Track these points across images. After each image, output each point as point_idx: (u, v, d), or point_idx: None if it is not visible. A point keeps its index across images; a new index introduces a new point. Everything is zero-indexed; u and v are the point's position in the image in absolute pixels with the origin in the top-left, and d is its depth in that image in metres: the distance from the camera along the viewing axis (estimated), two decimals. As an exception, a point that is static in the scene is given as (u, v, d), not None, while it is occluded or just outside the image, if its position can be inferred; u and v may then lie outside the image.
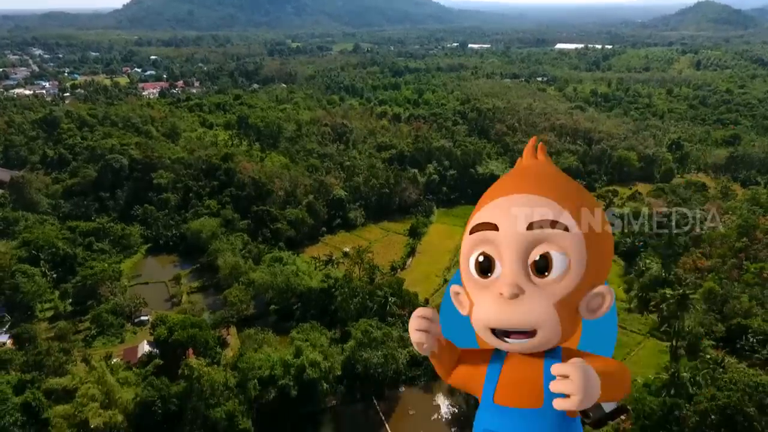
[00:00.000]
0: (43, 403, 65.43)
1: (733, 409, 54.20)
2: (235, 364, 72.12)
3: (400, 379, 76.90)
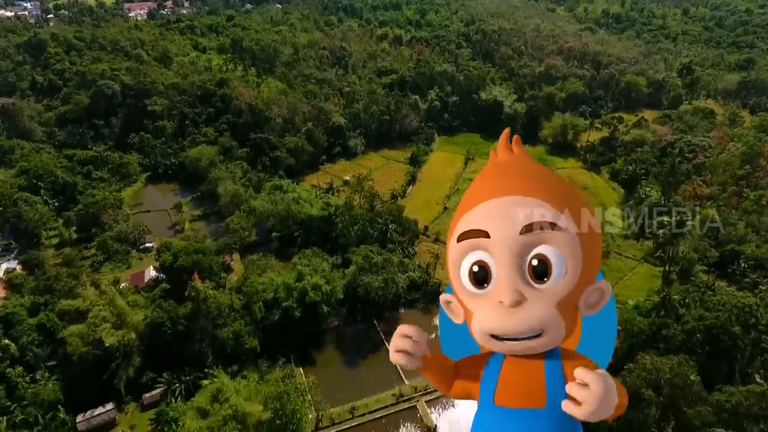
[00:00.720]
0: (57, 324, 68.26)
1: (719, 329, 56.49)
2: (240, 288, 74.35)
3: (400, 301, 79.68)
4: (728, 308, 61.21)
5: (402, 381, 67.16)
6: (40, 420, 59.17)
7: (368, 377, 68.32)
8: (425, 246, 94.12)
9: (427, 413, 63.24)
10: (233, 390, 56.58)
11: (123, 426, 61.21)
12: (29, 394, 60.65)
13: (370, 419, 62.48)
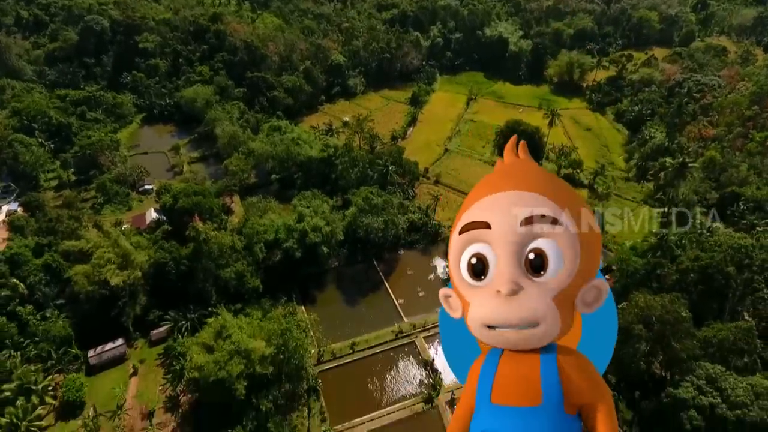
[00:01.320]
0: (63, 264, 69.43)
1: (713, 269, 57.36)
2: (241, 229, 74.95)
3: (400, 243, 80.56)
4: (724, 249, 61.89)
5: (401, 318, 69.22)
6: (53, 354, 61.57)
7: (368, 315, 70.35)
8: (425, 188, 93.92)
9: (425, 348, 65.66)
10: (236, 327, 58.41)
11: (133, 360, 63.77)
12: (40, 330, 62.74)
13: (370, 354, 64.95)
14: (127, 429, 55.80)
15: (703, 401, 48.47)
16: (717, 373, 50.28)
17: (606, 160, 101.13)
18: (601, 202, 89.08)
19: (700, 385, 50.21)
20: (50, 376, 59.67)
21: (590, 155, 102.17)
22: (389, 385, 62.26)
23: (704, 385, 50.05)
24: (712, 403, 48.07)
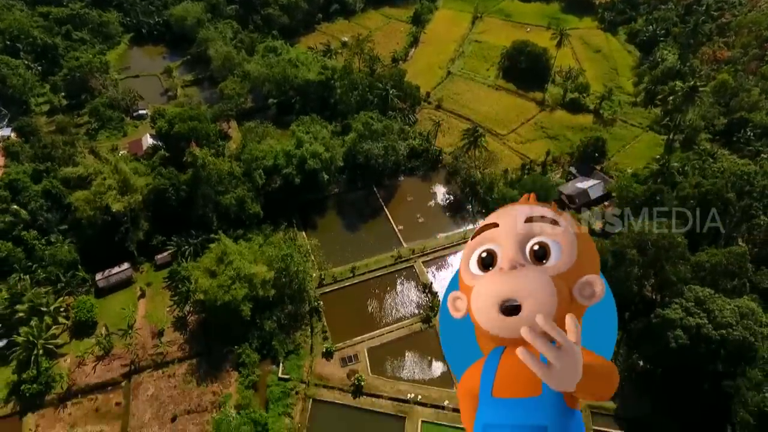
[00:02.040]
0: (62, 190, 69.44)
1: (713, 195, 57.25)
2: (239, 155, 74.11)
3: (400, 169, 79.98)
4: (726, 175, 61.48)
5: (401, 244, 70.35)
6: (61, 278, 63.29)
7: (368, 240, 71.42)
8: (426, 113, 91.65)
9: (423, 272, 67.36)
10: (236, 252, 59.48)
11: (140, 283, 65.67)
12: (47, 255, 64.01)
13: (370, 277, 66.74)
14: (139, 346, 58.62)
15: (690, 322, 50.41)
16: (706, 296, 51.87)
17: (614, 84, 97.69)
18: (605, 128, 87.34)
19: (689, 306, 51.98)
20: (61, 298, 61.74)
21: (598, 78, 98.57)
22: (388, 307, 64.59)
23: (692, 307, 51.82)
24: (698, 324, 50.02)
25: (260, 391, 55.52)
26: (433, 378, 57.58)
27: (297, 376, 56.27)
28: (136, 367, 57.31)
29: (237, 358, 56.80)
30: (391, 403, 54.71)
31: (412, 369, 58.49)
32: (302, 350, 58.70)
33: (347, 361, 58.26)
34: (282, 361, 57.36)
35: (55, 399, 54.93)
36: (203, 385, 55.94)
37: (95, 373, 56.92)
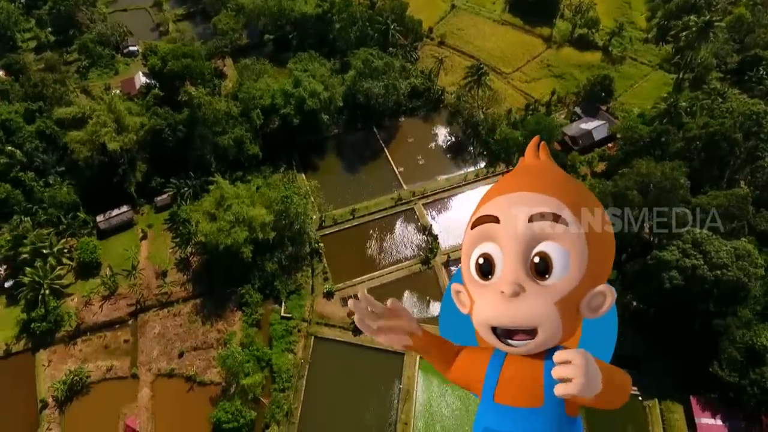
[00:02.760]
0: (57, 131, 68.11)
1: (720, 135, 56.07)
2: (236, 94, 72.06)
3: (401, 109, 78.03)
4: (735, 116, 59.93)
5: (401, 186, 69.94)
6: (62, 220, 63.49)
7: (368, 182, 70.95)
8: (429, 50, 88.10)
9: (423, 214, 67.44)
10: (234, 195, 59.20)
11: (141, 225, 65.95)
12: (46, 197, 63.86)
13: (369, 220, 66.91)
14: (143, 286, 59.78)
15: (686, 263, 50.98)
16: (703, 238, 52.15)
17: (626, 18, 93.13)
18: (614, 66, 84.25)
19: (686, 248, 52.38)
20: (63, 240, 62.23)
21: (609, 13, 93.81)
22: (388, 249, 65.22)
23: (689, 248, 52.23)
24: (694, 264, 50.61)
25: (263, 329, 57.23)
26: (431, 317, 59.12)
27: (299, 314, 57.77)
28: (141, 306, 58.74)
29: (240, 298, 58.10)
30: (391, 340, 56.42)
31: (411, 309, 59.93)
32: (303, 290, 59.90)
33: (347, 300, 59.48)
34: (284, 300, 58.69)
35: (65, 336, 56.74)
36: (208, 324, 57.60)
37: (102, 312, 58.45)
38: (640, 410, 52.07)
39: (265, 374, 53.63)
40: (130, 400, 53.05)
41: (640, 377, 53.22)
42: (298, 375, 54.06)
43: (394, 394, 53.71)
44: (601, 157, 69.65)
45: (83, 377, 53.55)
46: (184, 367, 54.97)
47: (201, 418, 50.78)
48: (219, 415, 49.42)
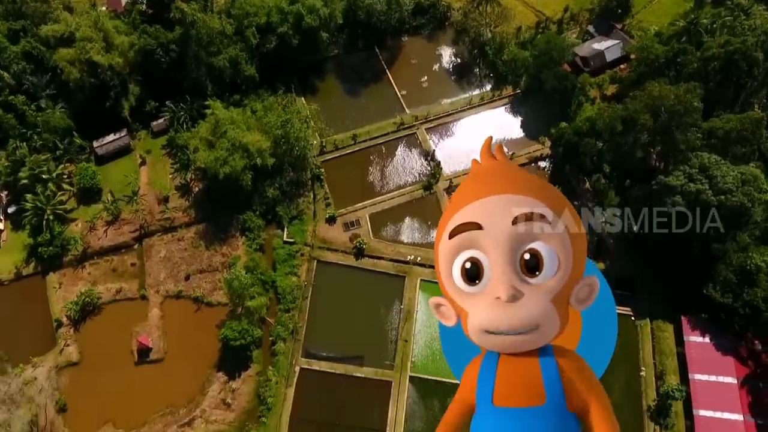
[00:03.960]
0: (43, 51, 65.10)
1: (740, 54, 53.27)
2: (229, 11, 68.03)
3: (404, 28, 73.90)
4: (757, 34, 56.60)
5: (403, 110, 67.92)
6: (58, 145, 62.46)
7: (369, 106, 68.86)
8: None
9: (426, 139, 66.06)
10: (230, 120, 57.65)
11: (139, 151, 64.96)
12: (40, 121, 62.38)
13: (371, 145, 65.67)
14: (146, 212, 60.00)
15: (691, 188, 50.46)
16: (711, 163, 51.23)
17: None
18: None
19: (692, 173, 51.64)
20: (62, 165, 61.61)
21: None
22: (390, 174, 64.60)
23: (695, 174, 51.49)
24: (698, 189, 50.12)
25: (267, 253, 58.13)
26: (432, 242, 59.68)
27: (301, 239, 58.41)
28: (145, 231, 59.33)
29: (242, 224, 58.47)
30: (392, 264, 57.55)
31: (413, 233, 60.47)
32: (305, 216, 60.12)
33: (349, 225, 59.99)
34: (286, 226, 59.09)
35: (73, 260, 57.87)
36: (212, 248, 58.44)
37: (107, 237, 59.17)
38: (632, 329, 54.01)
39: (269, 296, 55.24)
40: (141, 319, 55.11)
41: (635, 298, 54.83)
42: (302, 296, 55.66)
43: (395, 314, 55.58)
44: (612, 79, 66.82)
45: (94, 298, 55.26)
46: (191, 289, 56.53)
47: (210, 335, 53.01)
48: (227, 333, 51.51)
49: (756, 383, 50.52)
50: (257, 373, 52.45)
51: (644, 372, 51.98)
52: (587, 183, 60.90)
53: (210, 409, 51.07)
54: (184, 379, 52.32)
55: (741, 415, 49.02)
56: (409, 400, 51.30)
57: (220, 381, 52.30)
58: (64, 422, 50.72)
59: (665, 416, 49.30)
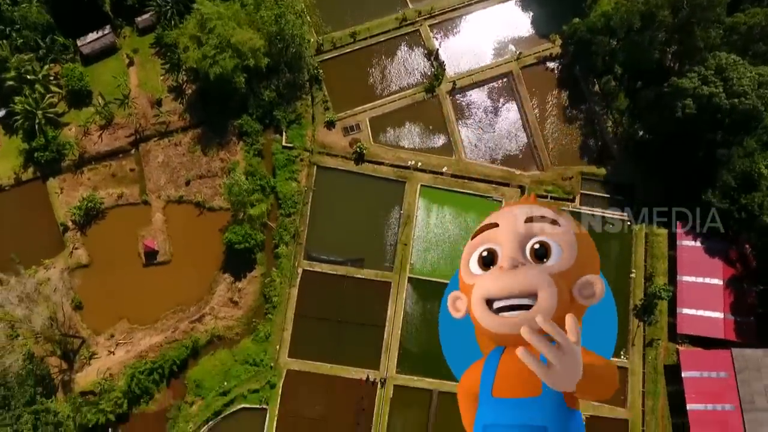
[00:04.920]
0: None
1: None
2: None
3: None
4: None
5: (406, 4, 63.25)
6: (40, 44, 59.04)
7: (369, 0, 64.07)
8: None
9: (429, 37, 62.27)
10: (217, 15, 53.82)
11: (126, 50, 61.51)
12: (17, 17, 58.37)
13: (371, 43, 62.03)
14: (140, 116, 58.35)
15: (704, 91, 48.53)
16: (728, 63, 48.71)
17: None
18: None
19: (707, 75, 49.36)
20: (46, 66, 58.76)
21: None
22: (391, 76, 61.86)
23: (710, 75, 49.22)
24: (711, 92, 48.23)
25: (266, 158, 57.54)
26: (433, 146, 58.90)
27: (300, 144, 57.48)
28: (140, 136, 58.17)
29: (240, 128, 57.18)
30: (392, 169, 57.21)
31: (414, 138, 59.35)
32: (304, 120, 58.57)
33: (349, 130, 58.69)
34: (284, 130, 57.81)
35: (71, 165, 57.43)
36: (210, 153, 57.73)
37: (103, 142, 58.15)
38: (627, 234, 55.12)
39: (270, 201, 55.66)
40: (145, 224, 56.05)
41: (633, 204, 55.29)
42: (302, 202, 56.07)
43: (394, 218, 56.41)
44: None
45: (97, 203, 55.72)
46: (191, 194, 56.79)
47: (214, 239, 54.31)
48: (230, 237, 52.67)
49: (740, 284, 52.70)
50: (261, 274, 54.49)
51: (634, 274, 53.93)
52: (597, 86, 58.52)
53: (218, 307, 53.83)
54: (192, 280, 54.51)
55: (722, 313, 51.77)
56: (407, 300, 53.88)
57: (226, 282, 54.51)
58: (81, 318, 53.79)
59: (650, 314, 52.05)
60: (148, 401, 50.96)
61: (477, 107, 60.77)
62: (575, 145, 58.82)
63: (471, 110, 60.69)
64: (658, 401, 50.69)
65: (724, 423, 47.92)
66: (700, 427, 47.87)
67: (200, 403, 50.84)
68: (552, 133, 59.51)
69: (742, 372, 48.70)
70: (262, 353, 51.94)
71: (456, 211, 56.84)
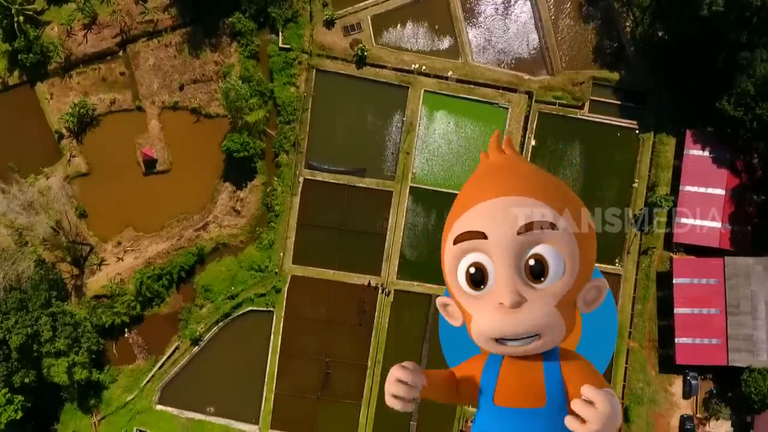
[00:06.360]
0: None
1: None
2: None
3: None
4: None
5: None
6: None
7: None
8: None
9: None
10: None
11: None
12: None
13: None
14: (125, 12, 54.46)
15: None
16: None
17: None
18: None
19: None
20: (17, -45, 53.56)
21: None
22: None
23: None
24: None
25: (262, 62, 54.71)
26: (438, 49, 55.67)
27: (298, 45, 54.25)
28: (127, 36, 54.77)
29: (232, 27, 53.66)
30: (395, 73, 54.54)
31: (418, 39, 55.90)
32: (301, 18, 54.70)
33: (349, 29, 55.05)
34: (281, 29, 54.26)
35: (59, 68, 54.70)
36: (203, 56, 54.81)
37: (88, 43, 54.85)
38: (634, 142, 53.98)
39: (269, 108, 53.85)
40: (141, 131, 54.72)
41: (643, 111, 53.49)
42: (302, 108, 54.22)
43: (396, 126, 54.95)
44: None
45: (89, 109, 53.94)
46: (186, 99, 54.79)
47: (213, 147, 53.37)
48: (229, 145, 51.68)
49: (742, 194, 52.57)
50: (263, 183, 54.33)
51: (637, 183, 53.65)
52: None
53: (222, 216, 54.38)
54: (193, 189, 54.48)
55: (720, 223, 52.23)
56: (408, 209, 54.19)
57: (228, 191, 54.50)
58: (87, 226, 54.55)
59: (648, 224, 52.59)
60: (159, 304, 53.41)
61: (487, 3, 56.53)
62: (589, 47, 55.43)
63: (481, 7, 56.52)
64: (647, 305, 53.01)
65: (708, 325, 50.43)
66: (685, 328, 50.45)
67: (209, 306, 53.27)
68: (566, 32, 55.86)
69: (731, 279, 50.30)
70: (266, 260, 53.39)
71: (460, 119, 55.20)
